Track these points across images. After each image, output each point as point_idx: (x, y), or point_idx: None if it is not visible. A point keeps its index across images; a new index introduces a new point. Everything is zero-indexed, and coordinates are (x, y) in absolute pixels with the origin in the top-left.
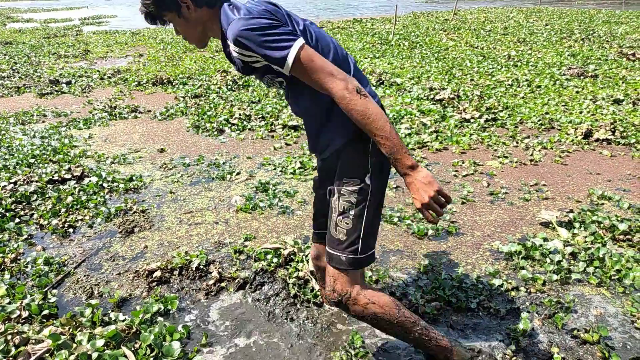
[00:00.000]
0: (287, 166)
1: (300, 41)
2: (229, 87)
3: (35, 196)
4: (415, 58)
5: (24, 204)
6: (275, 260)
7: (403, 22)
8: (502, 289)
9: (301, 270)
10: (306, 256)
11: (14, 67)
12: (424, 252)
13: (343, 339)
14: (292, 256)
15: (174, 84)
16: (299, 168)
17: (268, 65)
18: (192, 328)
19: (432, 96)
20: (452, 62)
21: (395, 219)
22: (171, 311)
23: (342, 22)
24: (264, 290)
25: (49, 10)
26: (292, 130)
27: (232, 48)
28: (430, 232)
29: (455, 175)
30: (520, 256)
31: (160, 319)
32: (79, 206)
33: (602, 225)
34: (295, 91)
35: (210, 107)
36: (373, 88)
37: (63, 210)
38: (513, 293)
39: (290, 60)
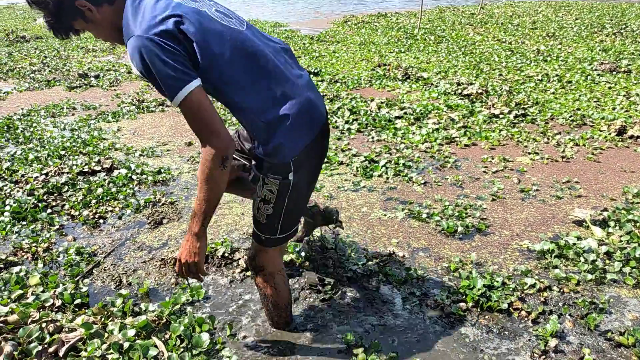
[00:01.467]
0: None
1: (192, 85)
2: None
3: (66, 187)
4: (442, 52)
5: (55, 194)
6: (302, 254)
7: (428, 17)
8: (534, 288)
9: (329, 266)
10: (332, 250)
11: (44, 61)
12: (450, 251)
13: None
14: (319, 250)
15: None
16: (325, 163)
17: None
18: (218, 318)
19: (459, 91)
20: (479, 57)
21: (424, 215)
22: (199, 301)
23: (367, 17)
24: (290, 284)
25: None
26: None
27: (129, 61)
28: (460, 229)
29: (484, 172)
30: (553, 255)
31: (189, 309)
32: (108, 198)
33: (638, 224)
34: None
35: None
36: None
37: (93, 201)
38: (546, 293)
39: (177, 102)
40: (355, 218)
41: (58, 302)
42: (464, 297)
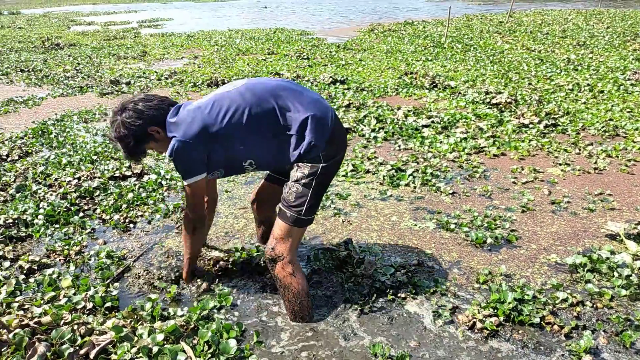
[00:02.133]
0: (340, 169)
1: (198, 177)
2: None
3: (98, 192)
4: (470, 61)
5: (87, 198)
6: (331, 262)
7: (456, 25)
8: (566, 303)
9: (357, 276)
10: (360, 260)
11: (77, 68)
12: (479, 263)
13: (395, 337)
14: (347, 259)
15: None
16: (351, 171)
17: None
18: (245, 324)
19: (487, 100)
20: (508, 66)
21: (452, 226)
22: (226, 307)
23: (393, 25)
24: (319, 292)
25: (108, 14)
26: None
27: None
28: (489, 240)
29: (514, 182)
30: (585, 269)
31: (217, 315)
32: (138, 202)
33: None
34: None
35: None
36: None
37: (124, 206)
38: (578, 308)
39: (185, 183)
40: (386, 227)
41: (89, 305)
42: (495, 310)
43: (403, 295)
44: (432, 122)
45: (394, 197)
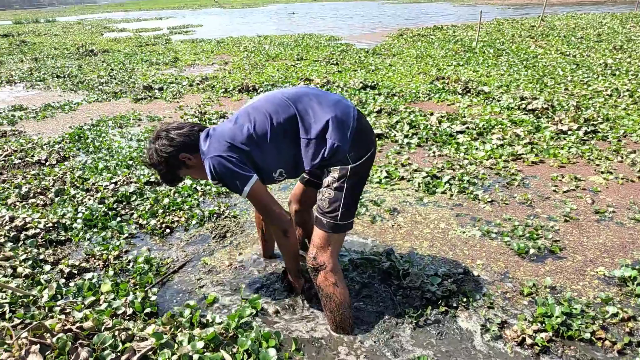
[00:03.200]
0: (373, 175)
1: (251, 182)
2: None
3: (134, 196)
4: (502, 66)
5: (124, 203)
6: (374, 273)
7: (486, 29)
8: (617, 318)
9: (405, 288)
10: (405, 271)
11: (111, 74)
12: (526, 274)
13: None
14: (390, 270)
15: (258, 91)
16: (385, 177)
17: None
18: (285, 334)
19: (523, 106)
20: (542, 71)
21: (494, 235)
22: (264, 314)
23: (422, 30)
24: (369, 307)
25: (139, 20)
26: (377, 139)
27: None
28: (531, 250)
29: (554, 191)
30: (635, 282)
31: (254, 323)
32: (174, 208)
33: None
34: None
35: None
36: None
37: (160, 211)
38: (630, 324)
39: (244, 195)
40: (437, 237)
41: (129, 311)
42: (543, 325)
43: (455, 305)
44: (467, 128)
45: (432, 203)
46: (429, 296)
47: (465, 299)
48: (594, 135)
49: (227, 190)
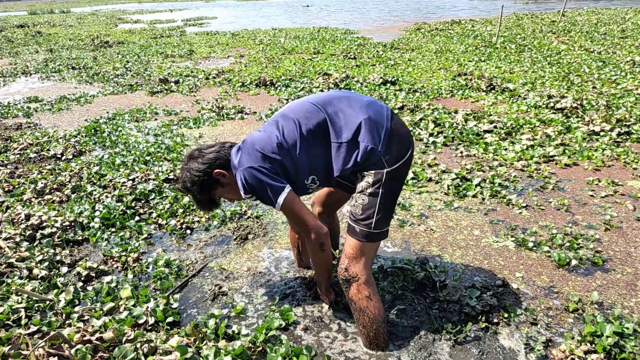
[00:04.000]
0: None
1: (284, 193)
2: (331, 90)
3: (153, 195)
4: (525, 62)
5: (142, 201)
6: (407, 284)
7: (506, 24)
8: None
9: (442, 301)
10: (442, 283)
11: (127, 66)
12: (574, 288)
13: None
14: (425, 281)
15: (276, 85)
16: (412, 179)
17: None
18: (316, 349)
19: (551, 104)
20: (567, 68)
21: (531, 244)
22: (292, 326)
23: (440, 24)
24: (404, 322)
25: (153, 12)
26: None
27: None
28: (573, 262)
29: (592, 196)
30: None
31: (283, 336)
32: (194, 207)
33: None
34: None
35: None
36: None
37: (180, 210)
38: None
39: (278, 208)
40: (471, 245)
41: (151, 320)
42: (594, 345)
43: (495, 320)
44: (495, 127)
45: (463, 208)
46: (467, 310)
47: (506, 315)
48: (627, 136)
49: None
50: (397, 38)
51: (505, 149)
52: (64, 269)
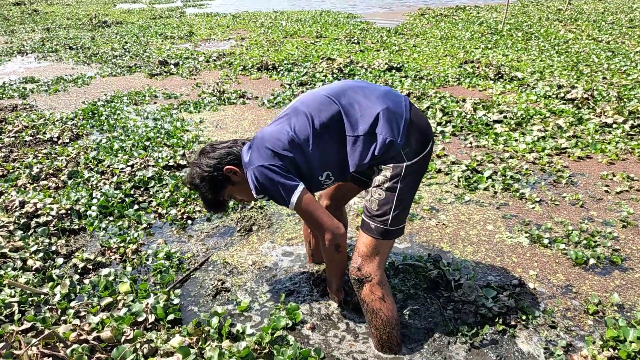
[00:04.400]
0: None
1: (298, 191)
2: (335, 75)
3: (152, 182)
4: (533, 51)
5: (142, 189)
6: (420, 282)
7: (511, 11)
8: None
9: (457, 302)
10: (457, 282)
11: (125, 47)
12: (592, 288)
13: None
14: (438, 280)
15: (278, 69)
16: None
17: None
18: (325, 351)
19: (561, 95)
20: (576, 57)
21: (546, 241)
22: (299, 325)
23: (445, 10)
24: (417, 323)
25: None
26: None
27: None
28: (591, 260)
29: (606, 191)
30: None
31: (290, 337)
32: (196, 196)
33: None
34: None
35: None
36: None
37: (181, 199)
38: None
39: (292, 208)
40: (483, 240)
41: (151, 318)
42: (617, 351)
43: (513, 322)
44: (505, 117)
45: (474, 202)
46: (484, 312)
47: (524, 316)
48: None
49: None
50: (401, 23)
51: (516, 140)
52: (60, 260)
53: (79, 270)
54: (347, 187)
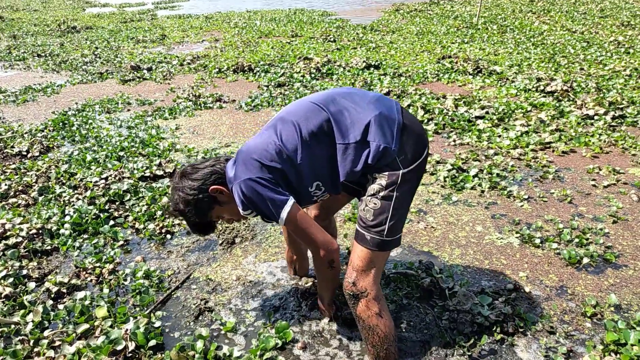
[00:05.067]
0: None
1: (288, 206)
2: (313, 75)
3: (128, 195)
4: (509, 43)
5: (117, 203)
6: (412, 290)
7: (485, 4)
8: None
9: (452, 311)
10: (451, 290)
11: (96, 52)
12: (586, 289)
13: None
14: (431, 288)
15: (254, 71)
16: None
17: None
18: None
19: (541, 87)
20: (552, 49)
21: (537, 241)
22: (289, 344)
23: (419, 5)
24: (411, 335)
25: None
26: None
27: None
28: (585, 259)
29: (594, 185)
30: None
31: (280, 358)
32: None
33: None
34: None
35: (297, 97)
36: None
37: (159, 213)
38: None
39: (282, 223)
40: (472, 243)
41: (131, 345)
42: (618, 356)
43: (510, 330)
44: (487, 112)
45: (462, 202)
46: (480, 320)
47: (521, 323)
48: (622, 120)
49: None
50: (376, 20)
51: (499, 136)
52: (32, 285)
53: (52, 295)
54: (337, 196)
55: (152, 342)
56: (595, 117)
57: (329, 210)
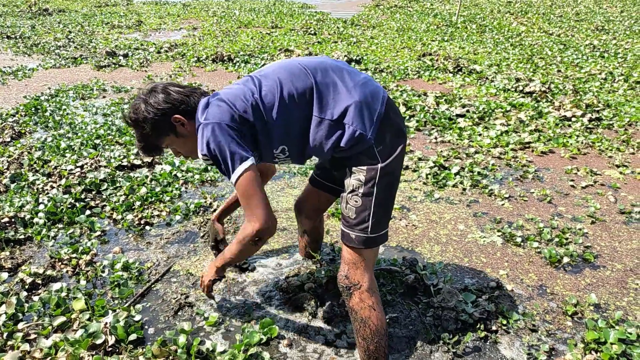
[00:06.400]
0: None
1: (246, 163)
2: None
3: (105, 185)
4: (488, 43)
5: (93, 192)
6: (397, 287)
7: (463, 3)
8: None
9: (436, 308)
10: (436, 287)
11: (69, 36)
12: (565, 288)
13: None
14: (416, 285)
15: (234, 61)
16: None
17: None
18: None
19: (520, 88)
20: (530, 50)
21: (519, 239)
22: (274, 339)
23: (399, 1)
24: (397, 331)
25: None
26: None
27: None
28: (565, 259)
29: (572, 186)
30: None
31: (266, 354)
32: (153, 199)
33: None
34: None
35: None
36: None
37: (137, 203)
38: None
39: (233, 178)
40: (453, 241)
41: (111, 339)
42: (599, 354)
43: (494, 328)
44: (467, 111)
45: (444, 199)
46: (464, 318)
47: (504, 321)
48: (598, 122)
49: (215, 172)
50: (356, 14)
51: (480, 135)
52: (4, 275)
53: (26, 286)
54: (322, 198)
55: (133, 336)
56: (573, 119)
57: (318, 211)
